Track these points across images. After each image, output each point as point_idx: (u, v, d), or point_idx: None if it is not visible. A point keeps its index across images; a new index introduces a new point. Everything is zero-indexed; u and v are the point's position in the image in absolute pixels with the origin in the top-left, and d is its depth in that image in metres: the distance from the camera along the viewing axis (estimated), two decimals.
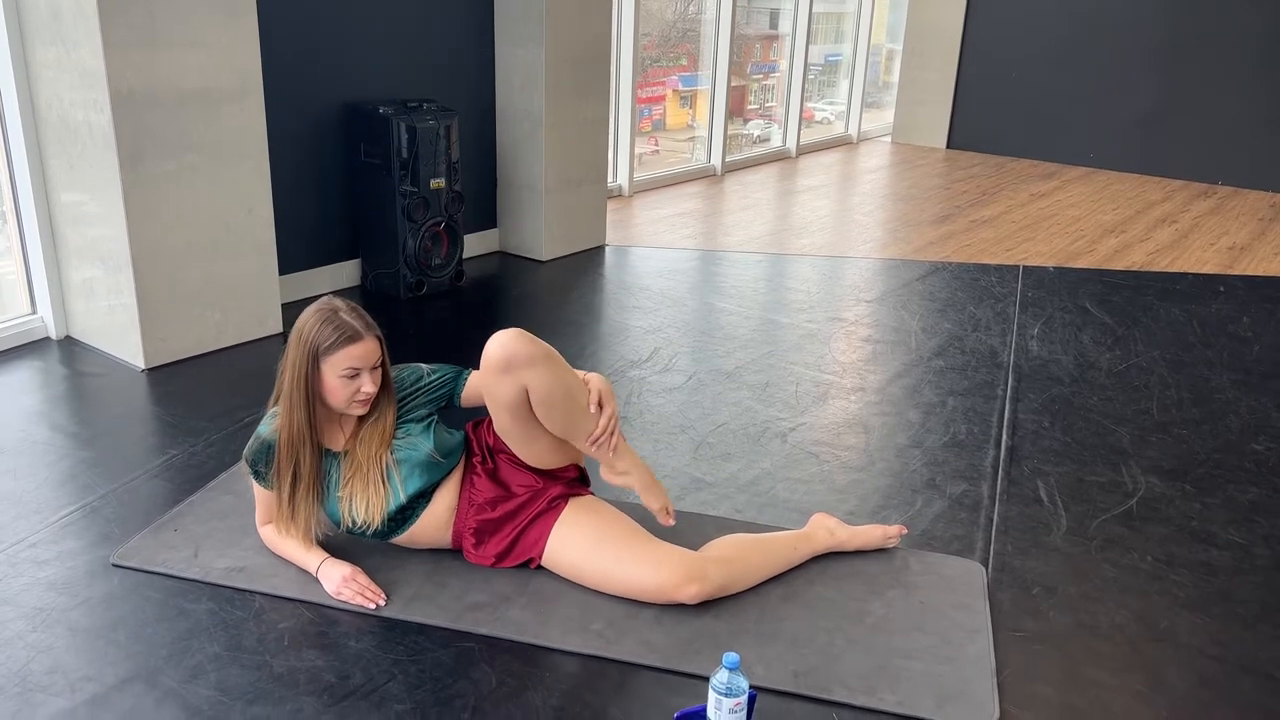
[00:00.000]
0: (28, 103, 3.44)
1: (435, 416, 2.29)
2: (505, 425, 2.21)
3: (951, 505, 2.76)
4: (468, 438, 2.35)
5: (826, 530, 2.45)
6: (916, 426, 3.25)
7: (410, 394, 2.27)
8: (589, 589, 2.24)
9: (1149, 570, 2.48)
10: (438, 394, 2.28)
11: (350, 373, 2.12)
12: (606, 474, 2.29)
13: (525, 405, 2.15)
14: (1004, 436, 3.19)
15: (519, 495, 2.27)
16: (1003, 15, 8.32)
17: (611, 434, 2.22)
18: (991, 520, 2.69)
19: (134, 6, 3.16)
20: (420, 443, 2.23)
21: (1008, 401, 3.46)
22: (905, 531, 2.53)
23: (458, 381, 2.29)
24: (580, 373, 2.22)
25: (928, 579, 2.37)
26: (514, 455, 2.27)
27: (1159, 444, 3.18)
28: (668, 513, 2.32)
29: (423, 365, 2.32)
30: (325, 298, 2.19)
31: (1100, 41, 7.89)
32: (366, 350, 2.13)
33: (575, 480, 2.34)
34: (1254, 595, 2.39)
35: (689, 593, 2.16)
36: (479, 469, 2.29)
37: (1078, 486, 2.89)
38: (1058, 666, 2.11)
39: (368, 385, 2.14)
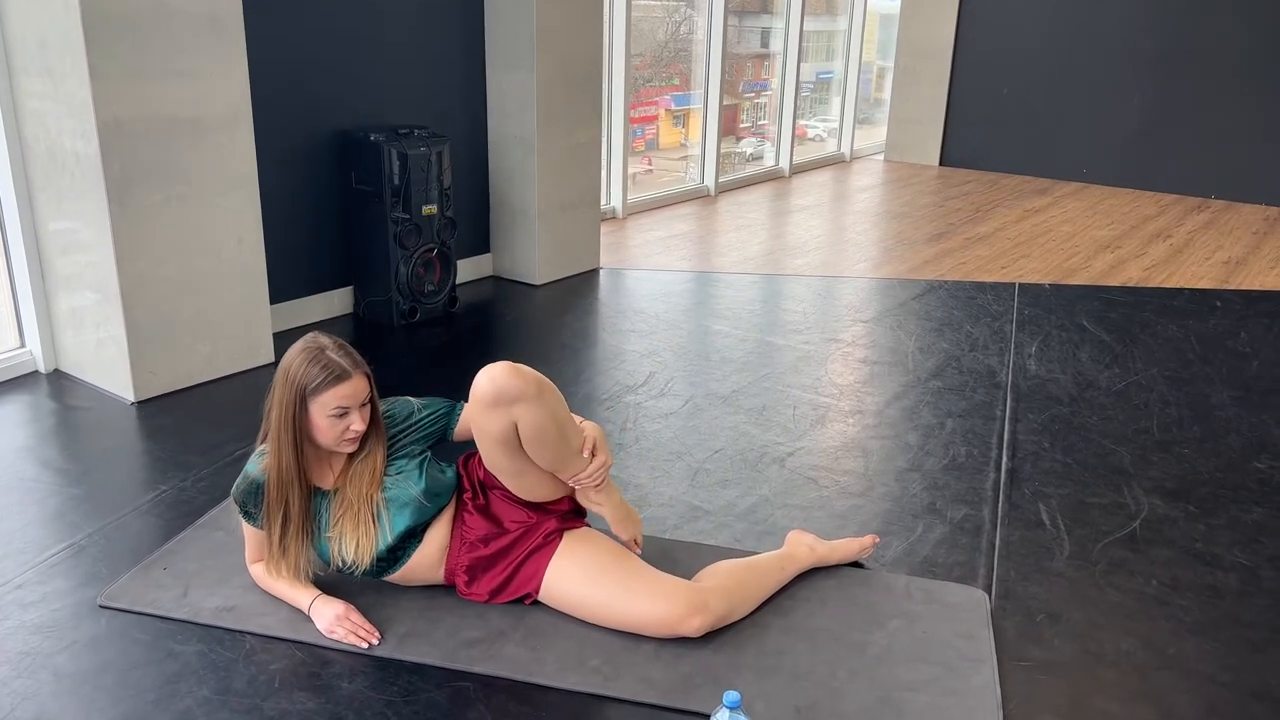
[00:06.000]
0: (15, 134, 3.41)
1: (428, 454, 2.25)
2: (495, 461, 2.17)
3: (952, 530, 2.72)
4: (459, 473, 2.31)
5: (807, 547, 2.46)
6: (915, 449, 3.22)
7: (402, 430, 2.22)
8: (585, 622, 2.20)
9: (1154, 594, 2.44)
10: (430, 430, 2.24)
11: (339, 411, 2.08)
12: (581, 498, 2.28)
13: (515, 440, 2.10)
14: (1004, 458, 3.16)
15: (511, 531, 2.23)
16: (994, 32, 8.33)
17: (599, 483, 2.21)
18: (993, 545, 2.65)
19: (121, 37, 3.14)
20: (410, 484, 2.19)
21: (1007, 422, 3.43)
22: (878, 541, 2.59)
23: (450, 417, 2.25)
24: (576, 418, 2.20)
25: (930, 608, 2.33)
26: (506, 490, 2.23)
27: (1161, 464, 3.15)
28: (636, 544, 2.33)
29: (413, 400, 2.28)
30: (311, 334, 2.15)
31: (1092, 57, 7.91)
32: (355, 389, 2.09)
33: (569, 513, 2.29)
34: (1262, 618, 2.36)
35: (693, 625, 2.12)
36: (470, 505, 2.25)
37: (1080, 509, 2.85)
38: (1064, 696, 2.07)
39: (357, 423, 2.10)
